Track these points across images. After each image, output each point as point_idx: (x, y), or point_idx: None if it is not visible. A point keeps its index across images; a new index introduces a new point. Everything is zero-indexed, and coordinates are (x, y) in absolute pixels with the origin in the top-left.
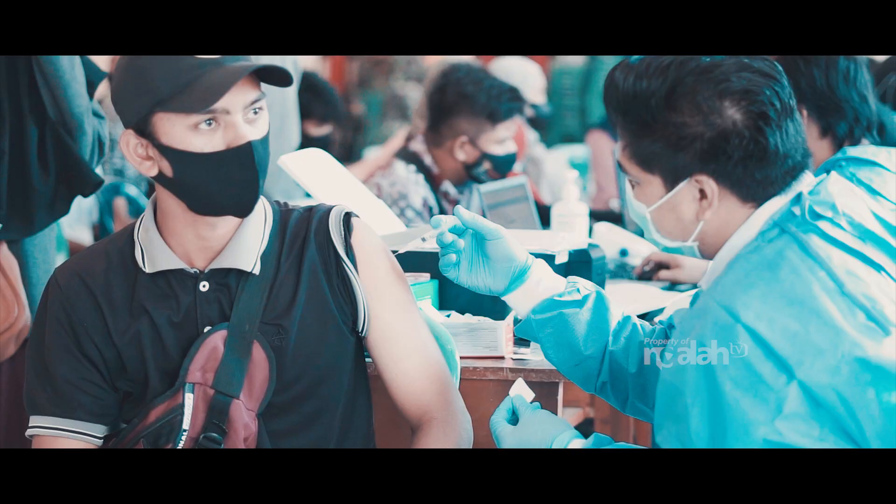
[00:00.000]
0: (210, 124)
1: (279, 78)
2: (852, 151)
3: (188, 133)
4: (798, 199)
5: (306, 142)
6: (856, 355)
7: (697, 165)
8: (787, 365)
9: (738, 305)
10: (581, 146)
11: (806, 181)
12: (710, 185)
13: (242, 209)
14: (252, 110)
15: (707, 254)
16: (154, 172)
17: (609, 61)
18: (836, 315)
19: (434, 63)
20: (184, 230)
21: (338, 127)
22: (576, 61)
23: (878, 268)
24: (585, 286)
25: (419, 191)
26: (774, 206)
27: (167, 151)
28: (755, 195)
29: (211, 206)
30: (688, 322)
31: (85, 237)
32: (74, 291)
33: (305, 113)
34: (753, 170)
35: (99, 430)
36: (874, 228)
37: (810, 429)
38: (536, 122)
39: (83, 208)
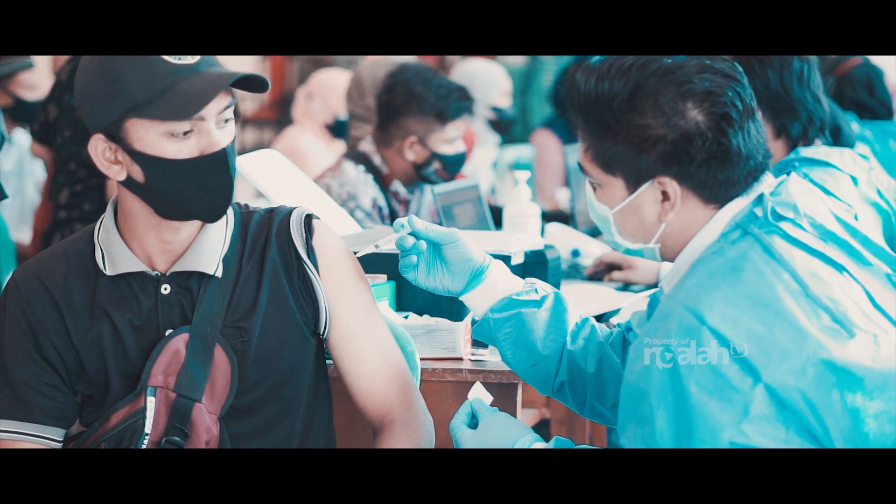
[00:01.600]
0: (188, 132)
1: (255, 85)
2: (805, 152)
3: (162, 139)
4: (760, 200)
5: None
6: (821, 357)
7: (660, 167)
8: (753, 367)
9: (703, 308)
10: (526, 147)
11: (767, 182)
12: (672, 186)
13: (214, 215)
14: (224, 117)
15: (668, 256)
16: (122, 177)
17: (549, 62)
18: (801, 317)
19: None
20: (146, 233)
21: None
22: (516, 62)
23: (840, 269)
24: (543, 287)
25: (368, 191)
26: (736, 207)
27: (139, 157)
28: (717, 196)
29: (181, 212)
30: (652, 324)
31: (27, 238)
32: (34, 293)
33: None
34: (716, 171)
35: (58, 433)
36: (835, 229)
37: (776, 431)
38: (499, 126)
39: (26, 209)
